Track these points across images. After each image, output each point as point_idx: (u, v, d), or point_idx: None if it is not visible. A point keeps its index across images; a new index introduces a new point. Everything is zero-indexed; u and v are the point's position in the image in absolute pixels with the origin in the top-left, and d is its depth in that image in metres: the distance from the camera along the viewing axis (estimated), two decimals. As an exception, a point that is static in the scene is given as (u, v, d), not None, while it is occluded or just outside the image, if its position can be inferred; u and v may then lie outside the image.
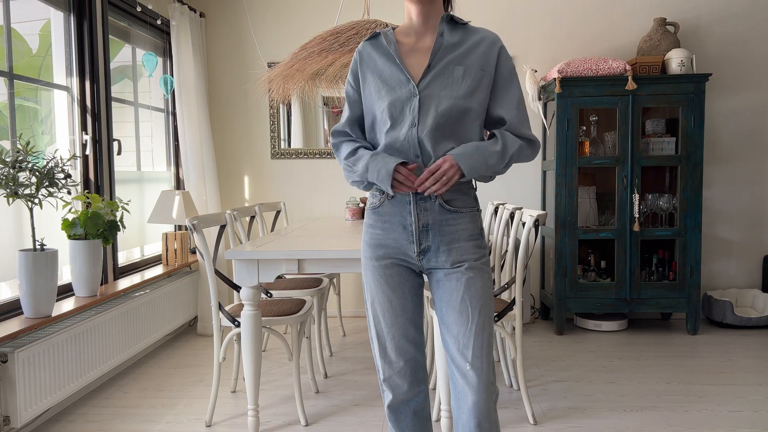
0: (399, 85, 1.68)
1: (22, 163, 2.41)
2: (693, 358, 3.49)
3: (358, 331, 4.19)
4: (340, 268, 2.38)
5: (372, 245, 1.74)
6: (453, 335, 1.67)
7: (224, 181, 4.60)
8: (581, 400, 2.88)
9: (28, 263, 2.47)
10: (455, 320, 1.66)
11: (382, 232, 1.72)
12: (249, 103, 4.56)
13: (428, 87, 1.65)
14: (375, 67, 1.74)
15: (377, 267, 1.73)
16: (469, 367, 1.65)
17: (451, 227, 1.68)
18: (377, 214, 1.73)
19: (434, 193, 1.63)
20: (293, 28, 4.49)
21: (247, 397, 2.53)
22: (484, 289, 1.69)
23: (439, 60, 1.66)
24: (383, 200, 1.72)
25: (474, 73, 1.66)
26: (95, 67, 3.25)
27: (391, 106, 1.67)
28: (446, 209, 1.68)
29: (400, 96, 1.67)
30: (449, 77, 1.65)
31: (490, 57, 1.69)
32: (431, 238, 1.68)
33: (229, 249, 2.61)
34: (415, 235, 1.68)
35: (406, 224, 1.68)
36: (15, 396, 2.33)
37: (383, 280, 1.72)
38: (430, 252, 1.69)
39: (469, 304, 1.66)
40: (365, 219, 1.78)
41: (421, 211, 1.67)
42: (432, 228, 1.67)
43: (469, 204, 1.72)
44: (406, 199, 1.68)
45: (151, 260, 3.96)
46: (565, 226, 3.93)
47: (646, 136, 4.07)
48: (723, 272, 4.37)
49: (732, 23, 4.26)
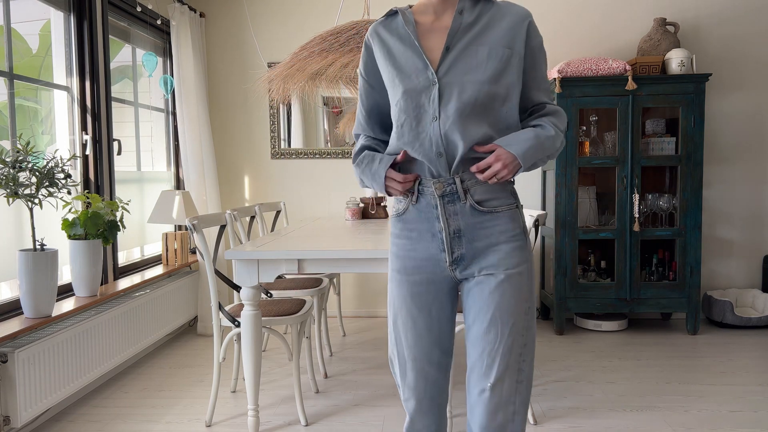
0: (415, 72, 1.47)
1: (22, 163, 2.41)
2: (693, 358, 3.49)
3: (358, 331, 4.19)
4: (340, 268, 2.38)
5: (399, 256, 1.56)
6: (477, 352, 1.49)
7: (224, 181, 4.60)
8: (581, 400, 2.88)
9: (28, 263, 2.47)
10: (482, 336, 1.48)
11: (409, 242, 1.53)
12: (249, 103, 4.56)
13: (449, 73, 1.45)
14: (388, 52, 1.54)
15: (404, 282, 1.55)
16: (489, 386, 1.47)
17: (487, 230, 1.48)
18: (403, 221, 1.55)
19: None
20: (293, 28, 4.49)
21: (247, 397, 2.53)
22: (519, 303, 1.47)
23: (458, 40, 1.46)
24: (407, 206, 1.53)
25: (500, 53, 1.45)
26: (95, 67, 3.25)
27: (406, 98, 1.48)
28: (479, 211, 1.47)
29: (417, 85, 1.47)
30: (472, 59, 1.44)
31: (517, 33, 1.47)
32: (464, 244, 1.48)
33: (229, 249, 2.61)
34: (446, 243, 1.49)
35: (435, 231, 1.50)
36: (15, 396, 2.33)
37: (409, 297, 1.54)
38: (464, 260, 1.50)
39: (500, 320, 1.46)
40: (391, 228, 1.60)
41: (451, 215, 1.48)
42: (465, 233, 1.48)
43: (506, 202, 1.51)
44: (432, 202, 1.49)
45: (151, 260, 3.96)
46: (565, 226, 3.93)
47: (646, 136, 4.07)
48: (723, 272, 4.37)
49: (732, 23, 4.26)
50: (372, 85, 1.62)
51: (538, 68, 1.53)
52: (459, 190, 1.47)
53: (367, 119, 1.65)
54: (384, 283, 4.57)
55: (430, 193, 1.49)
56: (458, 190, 1.47)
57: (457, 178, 1.47)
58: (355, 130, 1.69)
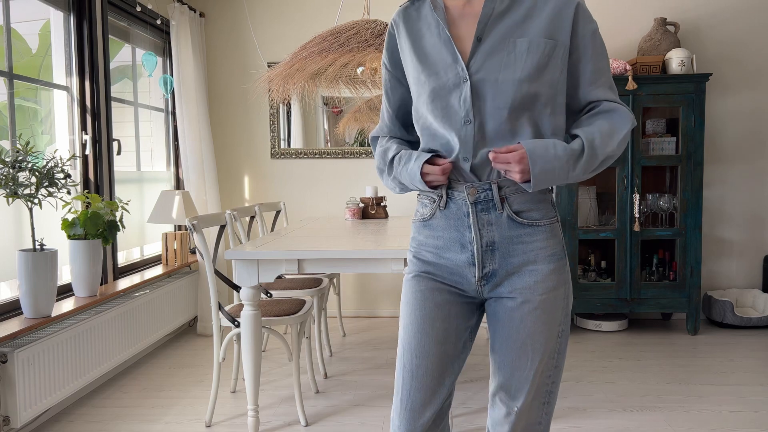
0: (443, 66, 1.28)
1: (21, 163, 2.41)
2: (693, 358, 3.49)
3: (358, 331, 4.18)
4: (340, 268, 2.38)
5: (420, 260, 1.38)
6: (505, 376, 1.36)
7: (224, 181, 4.60)
8: (581, 400, 2.88)
9: (27, 263, 2.46)
10: (511, 362, 1.34)
11: (434, 249, 1.35)
12: (249, 103, 4.56)
13: (482, 68, 1.25)
14: (414, 41, 1.34)
15: (422, 280, 1.36)
16: (516, 410, 1.36)
17: (525, 245, 1.30)
18: (428, 228, 1.36)
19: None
20: (293, 28, 4.49)
21: (247, 397, 2.53)
22: (552, 328, 1.32)
23: (491, 29, 1.26)
24: (434, 211, 1.35)
25: (541, 45, 1.24)
26: (95, 67, 3.25)
27: (434, 97, 1.29)
28: (517, 223, 1.29)
29: (446, 82, 1.28)
30: (510, 53, 1.24)
31: (563, 21, 1.26)
32: (498, 260, 1.30)
33: (229, 249, 2.61)
34: (477, 256, 1.30)
35: (465, 242, 1.31)
36: (15, 396, 2.33)
37: (429, 295, 1.35)
38: (496, 277, 1.32)
39: (531, 348, 1.32)
40: (413, 233, 1.41)
41: (484, 225, 1.29)
42: (499, 247, 1.30)
43: (547, 214, 1.32)
44: (464, 209, 1.30)
45: (151, 260, 3.95)
46: (566, 226, 3.93)
47: (647, 135, 4.07)
48: (723, 272, 4.36)
49: (732, 23, 4.26)
50: (399, 79, 1.43)
51: (591, 60, 1.30)
52: (495, 198, 1.28)
53: (394, 118, 1.47)
54: (384, 282, 4.57)
55: (462, 199, 1.31)
56: (494, 198, 1.29)
57: (494, 185, 1.28)
58: (376, 132, 1.50)
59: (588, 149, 1.24)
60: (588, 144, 1.24)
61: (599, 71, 1.32)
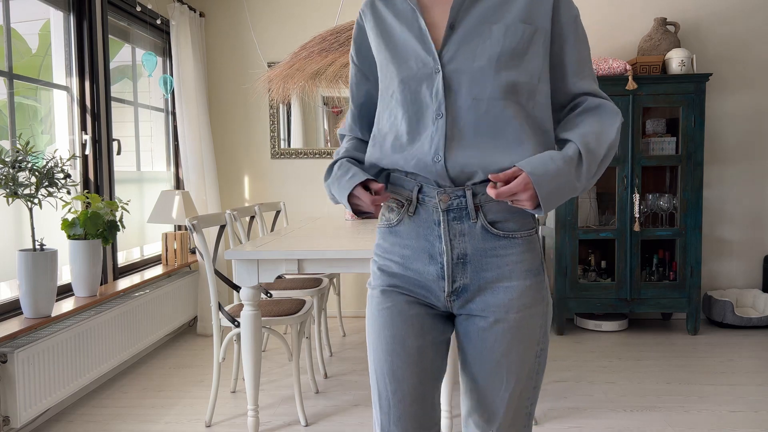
0: (414, 56, 1.18)
1: (21, 163, 2.41)
2: (693, 358, 3.49)
3: (358, 331, 4.18)
4: (340, 268, 2.38)
5: (385, 272, 1.25)
6: (478, 398, 1.24)
7: (224, 181, 4.60)
8: (581, 400, 2.88)
9: (27, 263, 2.46)
10: (484, 384, 1.22)
11: (400, 259, 1.23)
12: (249, 103, 4.56)
13: (455, 58, 1.15)
14: (383, 29, 1.24)
15: (387, 295, 1.24)
16: None
17: (500, 259, 1.18)
18: (395, 234, 1.24)
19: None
20: (293, 28, 4.49)
21: (247, 397, 2.52)
22: (530, 348, 1.20)
23: (464, 16, 1.16)
24: (402, 216, 1.22)
25: (519, 31, 1.14)
26: (95, 67, 3.25)
27: (403, 88, 1.19)
28: (492, 234, 1.17)
29: (416, 72, 1.17)
30: (486, 40, 1.14)
31: (541, 4, 1.17)
32: (470, 274, 1.18)
33: (229, 249, 2.61)
34: (447, 270, 1.18)
35: (435, 253, 1.19)
36: (15, 396, 2.33)
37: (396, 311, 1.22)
38: (466, 292, 1.20)
39: (506, 369, 1.20)
40: (378, 239, 1.29)
41: (456, 235, 1.17)
42: (471, 260, 1.18)
43: (524, 225, 1.20)
44: (434, 217, 1.18)
45: (151, 260, 3.95)
46: (565, 226, 3.93)
47: (647, 135, 4.07)
48: (723, 272, 4.36)
49: (732, 23, 4.26)
50: (365, 74, 1.32)
51: (575, 48, 1.20)
52: (470, 206, 1.16)
53: (357, 116, 1.36)
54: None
55: (433, 205, 1.18)
56: (468, 205, 1.17)
57: (468, 191, 1.16)
58: (342, 130, 1.41)
59: (585, 154, 1.13)
60: (584, 148, 1.13)
61: (583, 60, 1.22)
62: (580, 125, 1.19)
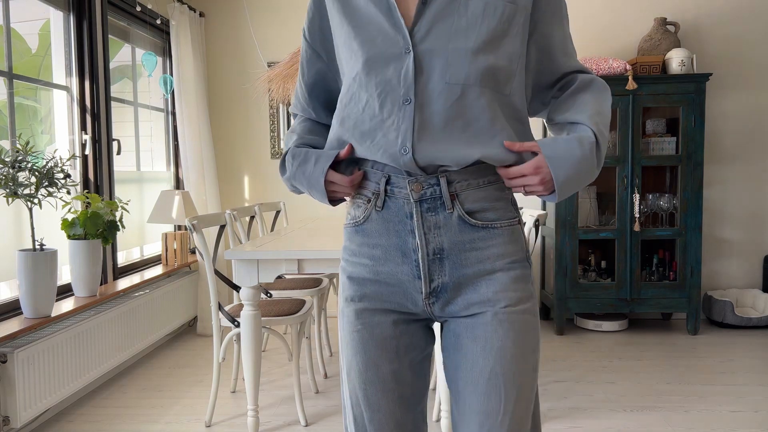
0: (380, 33, 1.05)
1: (21, 163, 2.41)
2: (693, 358, 3.49)
3: (358, 331, 4.18)
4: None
5: (354, 280, 1.13)
6: (473, 421, 1.07)
7: (224, 181, 4.60)
8: (581, 400, 2.88)
9: (27, 263, 2.46)
10: (478, 404, 1.06)
11: (370, 261, 1.10)
12: (249, 103, 4.56)
13: (428, 37, 1.02)
14: (346, 3, 1.10)
15: (358, 315, 1.11)
16: None
17: (480, 252, 1.06)
18: (362, 233, 1.11)
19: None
20: (293, 28, 4.48)
21: (246, 397, 2.52)
22: (527, 356, 1.06)
23: None
24: (369, 212, 1.10)
25: (499, 9, 1.03)
26: (95, 67, 3.25)
27: (368, 70, 1.05)
28: (470, 225, 1.06)
29: (383, 52, 1.04)
30: (462, 17, 1.02)
31: None
32: (448, 271, 1.07)
33: (229, 249, 2.61)
34: (423, 267, 1.07)
35: (408, 250, 1.07)
36: (14, 396, 2.33)
37: (367, 335, 1.10)
38: (446, 292, 1.08)
39: (503, 380, 1.04)
40: (344, 241, 1.16)
41: (431, 228, 1.06)
42: (449, 255, 1.06)
43: (505, 215, 1.09)
44: (405, 209, 1.06)
45: (151, 260, 3.95)
46: (566, 226, 3.93)
47: (647, 135, 4.06)
48: (723, 272, 4.36)
49: (732, 23, 4.26)
50: (317, 51, 1.19)
51: (561, 26, 1.12)
52: (444, 194, 1.05)
53: (308, 96, 1.23)
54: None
55: (403, 196, 1.07)
56: (443, 194, 1.05)
57: (442, 178, 1.05)
58: (293, 109, 1.28)
59: (600, 137, 1.06)
60: (598, 131, 1.06)
61: (568, 38, 1.14)
62: (583, 106, 1.10)
